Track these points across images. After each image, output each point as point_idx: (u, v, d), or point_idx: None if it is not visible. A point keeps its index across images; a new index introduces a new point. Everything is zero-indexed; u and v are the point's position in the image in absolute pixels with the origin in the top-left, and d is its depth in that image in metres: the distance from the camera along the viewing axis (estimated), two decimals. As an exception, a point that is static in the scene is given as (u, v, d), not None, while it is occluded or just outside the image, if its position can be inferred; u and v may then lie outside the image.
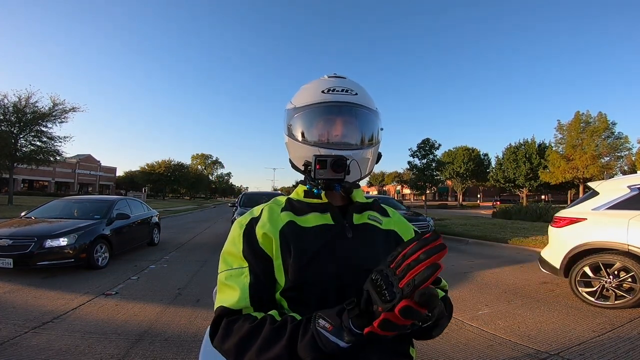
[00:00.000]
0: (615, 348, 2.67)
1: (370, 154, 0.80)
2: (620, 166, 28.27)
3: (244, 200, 9.05)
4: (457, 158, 41.76)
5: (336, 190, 0.76)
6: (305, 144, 0.78)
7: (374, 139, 0.82)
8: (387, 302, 0.46)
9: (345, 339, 0.52)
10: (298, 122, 0.80)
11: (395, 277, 0.47)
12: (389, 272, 0.48)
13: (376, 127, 0.82)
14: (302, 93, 0.83)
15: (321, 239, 0.73)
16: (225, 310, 0.66)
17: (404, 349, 0.75)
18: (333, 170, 0.72)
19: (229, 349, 0.63)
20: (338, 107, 0.78)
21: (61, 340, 2.68)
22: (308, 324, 0.57)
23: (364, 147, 0.79)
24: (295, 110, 0.81)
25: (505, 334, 2.94)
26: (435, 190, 51.61)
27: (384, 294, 0.47)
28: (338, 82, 0.80)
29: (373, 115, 0.82)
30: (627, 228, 3.51)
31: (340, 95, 0.78)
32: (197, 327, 3.02)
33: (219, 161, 76.53)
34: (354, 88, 0.80)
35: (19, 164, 21.22)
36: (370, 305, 0.49)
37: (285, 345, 0.56)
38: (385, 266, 0.50)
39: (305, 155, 0.78)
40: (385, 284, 0.47)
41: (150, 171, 55.42)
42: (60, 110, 20.95)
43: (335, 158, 0.72)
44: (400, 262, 0.48)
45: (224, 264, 0.73)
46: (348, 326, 0.52)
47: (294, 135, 0.81)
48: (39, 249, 4.66)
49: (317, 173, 0.72)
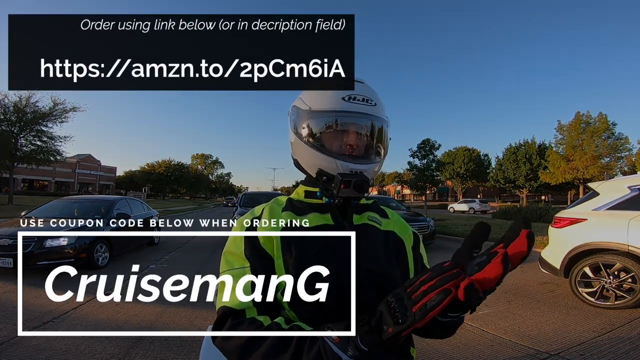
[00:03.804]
0: (615, 348, 2.67)
1: (381, 165, 0.82)
2: (620, 167, 28.27)
3: (244, 200, 9.06)
4: (457, 158, 41.82)
5: (352, 204, 0.79)
6: (320, 152, 0.76)
7: (386, 150, 0.83)
8: (398, 325, 0.50)
9: (349, 352, 0.54)
10: (313, 126, 0.77)
11: (409, 302, 0.50)
12: (404, 295, 0.51)
13: (388, 138, 0.83)
14: (319, 94, 0.79)
15: (321, 240, 0.73)
16: (228, 310, 0.67)
17: (404, 348, 0.75)
18: (356, 190, 0.73)
19: (232, 350, 0.63)
20: (358, 118, 0.76)
21: (61, 340, 2.68)
22: (315, 336, 0.58)
23: (379, 159, 0.80)
24: (310, 113, 0.78)
25: (506, 334, 2.94)
26: (435, 191, 51.63)
27: (397, 316, 0.50)
28: (358, 90, 0.78)
29: (387, 126, 0.81)
30: (628, 228, 3.51)
31: (361, 106, 0.76)
32: (197, 327, 3.02)
33: (219, 161, 76.70)
34: (372, 97, 0.78)
35: (19, 163, 21.27)
36: (380, 325, 0.53)
37: (292, 353, 0.57)
38: (402, 290, 0.53)
39: (318, 163, 0.77)
40: (399, 307, 0.51)
41: (150, 171, 55.51)
42: (60, 110, 21.02)
43: (360, 179, 0.73)
44: (416, 288, 0.51)
45: (225, 264, 0.73)
46: (355, 342, 0.54)
47: (305, 138, 0.78)
48: (39, 248, 4.67)
49: (340, 192, 0.73)
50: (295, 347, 0.57)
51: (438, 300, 0.47)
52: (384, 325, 0.51)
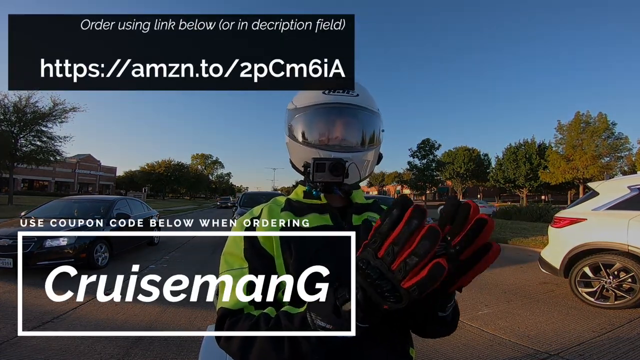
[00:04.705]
0: (615, 348, 2.67)
1: (371, 155, 0.80)
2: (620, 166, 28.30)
3: (244, 200, 9.06)
4: (457, 158, 41.78)
5: (335, 193, 0.76)
6: (305, 146, 0.78)
7: (374, 140, 0.81)
8: (394, 303, 0.44)
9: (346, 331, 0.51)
10: (298, 123, 0.80)
11: (391, 274, 0.43)
12: (378, 263, 0.44)
13: (377, 128, 0.82)
14: (304, 93, 0.82)
15: (321, 239, 0.73)
16: (226, 311, 0.67)
17: (404, 349, 0.75)
18: (331, 173, 0.72)
19: (235, 351, 0.63)
20: (338, 108, 0.77)
21: (61, 340, 2.68)
22: (305, 325, 0.55)
23: (364, 149, 0.79)
24: (296, 110, 0.81)
25: (505, 334, 2.94)
26: (435, 191, 51.63)
27: (387, 296, 0.44)
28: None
29: (374, 116, 0.81)
30: (627, 228, 3.52)
31: (341, 97, 0.77)
32: (196, 327, 3.02)
33: (219, 161, 76.70)
34: (356, 89, 0.79)
35: (19, 163, 21.27)
36: (369, 300, 0.47)
37: (289, 356, 0.56)
38: (372, 255, 0.45)
39: (305, 156, 0.78)
40: (384, 284, 0.43)
41: (150, 171, 55.53)
42: (60, 110, 21.03)
43: (334, 161, 0.72)
44: (391, 254, 0.42)
45: (225, 264, 0.73)
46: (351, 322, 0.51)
47: (294, 136, 0.81)
48: (39, 249, 4.67)
49: (315, 176, 0.72)
50: (290, 349, 0.56)
51: (432, 275, 0.40)
52: (377, 303, 0.46)
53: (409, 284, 0.41)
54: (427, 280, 0.40)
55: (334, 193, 0.76)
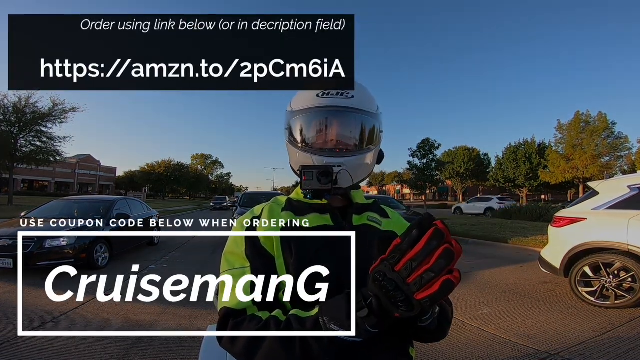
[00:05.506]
0: (615, 348, 2.67)
1: (368, 157, 0.79)
2: (620, 166, 28.26)
3: (244, 200, 9.07)
4: (457, 158, 41.79)
5: (325, 198, 0.77)
6: (300, 150, 0.78)
7: (372, 141, 0.79)
8: (406, 312, 0.48)
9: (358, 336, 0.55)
10: (294, 126, 0.80)
11: (406, 286, 0.47)
12: (395, 276, 0.48)
13: (374, 130, 0.79)
14: (300, 95, 0.82)
15: (321, 239, 0.73)
16: (229, 311, 0.67)
17: (404, 349, 0.75)
18: (319, 181, 0.71)
19: (239, 352, 0.63)
20: (331, 112, 0.76)
21: (61, 340, 2.68)
22: (317, 328, 0.57)
23: (359, 152, 0.77)
24: (292, 113, 0.80)
25: (506, 334, 2.94)
26: (435, 190, 51.60)
27: (400, 305, 0.48)
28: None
29: (370, 118, 0.78)
30: (627, 228, 3.52)
31: (333, 99, 0.75)
32: (197, 327, 3.02)
33: (219, 161, 76.63)
34: (351, 90, 0.77)
35: (19, 164, 21.26)
36: (382, 308, 0.51)
37: (300, 356, 0.57)
38: (388, 269, 0.49)
39: (300, 160, 0.78)
40: (398, 295, 0.48)
41: (150, 171, 55.49)
42: (60, 110, 21.00)
43: (322, 169, 0.71)
44: (409, 269, 0.47)
45: (226, 264, 0.73)
46: (364, 328, 0.53)
47: (290, 139, 0.81)
48: (39, 249, 4.67)
49: (304, 184, 0.72)
50: (300, 348, 0.57)
51: (443, 289, 0.45)
52: (389, 311, 0.50)
53: (422, 296, 0.46)
54: (438, 294, 0.45)
55: (324, 199, 0.77)
